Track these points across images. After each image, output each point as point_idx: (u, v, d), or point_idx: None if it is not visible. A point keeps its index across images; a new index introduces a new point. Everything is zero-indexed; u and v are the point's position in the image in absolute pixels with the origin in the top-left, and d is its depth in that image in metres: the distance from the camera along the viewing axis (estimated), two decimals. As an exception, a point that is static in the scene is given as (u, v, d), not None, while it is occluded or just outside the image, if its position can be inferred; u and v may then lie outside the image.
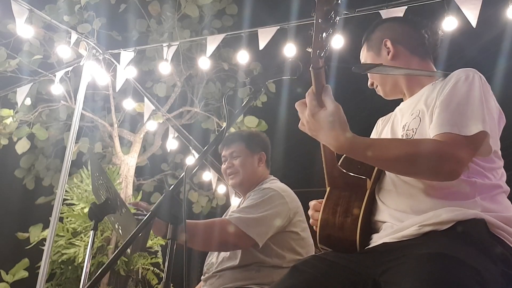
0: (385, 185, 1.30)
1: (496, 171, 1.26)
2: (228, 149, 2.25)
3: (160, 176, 6.33)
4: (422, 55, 1.47)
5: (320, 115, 1.15)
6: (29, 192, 5.82)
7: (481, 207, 1.16)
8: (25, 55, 5.00)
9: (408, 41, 1.47)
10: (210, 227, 1.93)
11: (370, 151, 1.16)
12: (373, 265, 1.17)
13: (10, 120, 5.00)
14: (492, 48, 5.00)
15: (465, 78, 1.25)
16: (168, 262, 1.11)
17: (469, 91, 1.21)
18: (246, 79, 1.29)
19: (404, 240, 1.16)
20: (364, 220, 1.26)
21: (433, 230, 1.13)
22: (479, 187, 1.19)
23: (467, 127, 1.15)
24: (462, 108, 1.19)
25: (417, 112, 1.32)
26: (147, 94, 4.76)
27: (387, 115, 1.57)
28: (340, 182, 1.30)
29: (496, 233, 1.14)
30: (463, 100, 1.20)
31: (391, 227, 1.22)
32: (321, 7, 0.99)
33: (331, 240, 1.28)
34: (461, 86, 1.23)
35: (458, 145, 1.14)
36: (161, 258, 4.45)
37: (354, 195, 1.29)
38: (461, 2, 2.98)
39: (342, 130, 1.14)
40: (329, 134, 1.15)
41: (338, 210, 1.27)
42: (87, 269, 1.90)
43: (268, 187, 2.12)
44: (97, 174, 1.93)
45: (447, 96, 1.23)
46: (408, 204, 1.22)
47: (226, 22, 5.84)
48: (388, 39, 1.47)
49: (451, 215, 1.13)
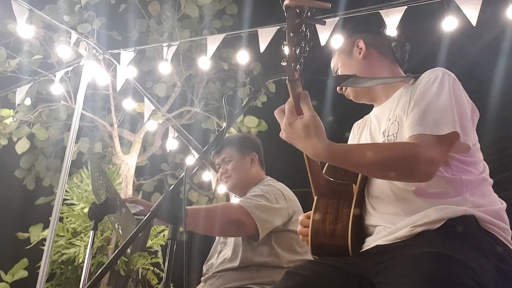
0: (373, 191, 1.32)
1: (478, 164, 1.28)
2: (219, 156, 2.28)
3: (160, 176, 6.33)
4: (391, 59, 1.52)
5: (296, 123, 1.16)
6: (29, 192, 5.82)
7: (470, 203, 1.19)
8: (25, 55, 5.00)
9: (379, 46, 1.52)
10: (213, 207, 1.96)
11: (348, 157, 1.18)
12: (368, 266, 1.18)
13: (10, 120, 4.99)
14: (492, 48, 5.00)
15: (434, 78, 1.27)
16: (168, 262, 1.11)
17: (439, 91, 1.24)
18: (246, 79, 1.29)
19: (398, 241, 1.18)
20: (355, 225, 1.27)
21: (426, 230, 1.15)
22: (465, 183, 1.21)
23: (439, 126, 1.18)
24: (433, 108, 1.21)
25: (394, 117, 1.35)
26: (147, 94, 4.77)
27: (362, 119, 1.59)
28: (327, 190, 1.32)
29: (487, 228, 1.16)
30: (433, 100, 1.23)
31: (384, 229, 1.24)
32: (292, 21, 0.99)
33: (323, 249, 1.29)
34: (430, 86, 1.26)
35: (431, 146, 1.16)
36: (161, 258, 4.45)
37: (341, 201, 1.30)
38: (461, 2, 2.99)
39: (318, 138, 1.15)
40: (306, 142, 1.16)
41: (327, 218, 1.29)
42: (87, 269, 1.90)
43: (269, 184, 2.14)
44: (97, 174, 1.93)
45: (418, 98, 1.26)
46: (399, 206, 1.24)
47: (226, 22, 5.83)
48: (361, 39, 1.52)
49: (441, 213, 1.15)
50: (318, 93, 1.20)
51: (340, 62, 1.56)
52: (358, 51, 1.52)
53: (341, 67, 1.56)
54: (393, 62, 1.52)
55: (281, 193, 2.08)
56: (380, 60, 1.50)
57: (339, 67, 1.56)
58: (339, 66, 1.56)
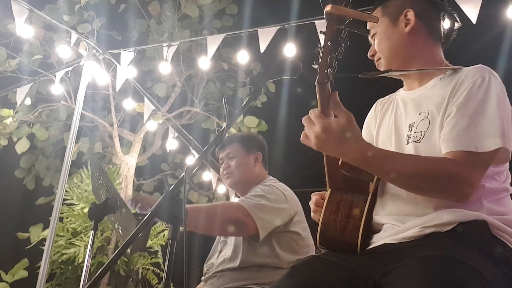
0: (388, 188, 1.28)
1: (502, 174, 1.23)
2: (224, 151, 2.27)
3: (160, 176, 6.33)
4: (437, 39, 1.37)
5: (333, 127, 1.07)
6: (29, 192, 5.82)
7: (486, 209, 1.14)
8: (25, 55, 5.00)
9: (428, 20, 1.35)
10: (213, 206, 1.96)
11: (385, 164, 1.12)
12: (374, 266, 1.16)
13: (10, 120, 4.99)
14: (492, 48, 4.99)
15: (481, 81, 1.16)
16: (168, 262, 1.11)
17: (486, 99, 1.14)
18: (246, 79, 1.29)
19: (405, 241, 1.15)
20: (366, 224, 1.25)
21: (435, 232, 1.12)
22: (487, 191, 1.17)
23: (484, 142, 1.10)
24: (479, 120, 1.12)
25: (425, 112, 1.25)
26: (147, 94, 4.77)
27: (387, 98, 1.47)
28: (342, 185, 1.28)
29: (497, 234, 1.13)
30: (480, 110, 1.13)
31: (392, 228, 1.21)
32: (332, 27, 0.91)
33: (331, 243, 1.27)
34: (477, 92, 1.15)
35: (473, 166, 1.10)
36: (161, 258, 4.45)
37: (356, 198, 1.27)
38: (461, 1, 2.98)
39: (357, 141, 1.09)
40: (344, 146, 1.09)
41: (339, 213, 1.26)
42: (87, 269, 1.91)
43: (270, 184, 2.13)
44: (97, 174, 1.93)
45: (461, 105, 1.15)
46: (411, 207, 1.20)
47: (226, 22, 5.84)
48: (411, 9, 1.34)
49: (452, 216, 1.12)
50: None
51: (381, 28, 1.37)
52: (405, 21, 1.34)
53: (381, 34, 1.37)
54: (437, 41, 1.36)
55: (282, 194, 2.07)
56: (425, 39, 1.35)
57: (378, 33, 1.38)
58: (379, 32, 1.38)
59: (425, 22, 1.35)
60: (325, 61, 0.99)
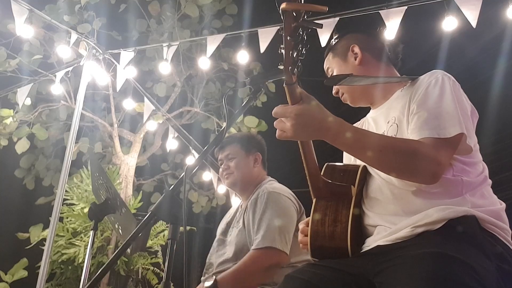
0: (372, 192, 1.31)
1: (478, 165, 1.29)
2: (223, 152, 2.28)
3: (160, 176, 6.33)
4: (387, 62, 1.51)
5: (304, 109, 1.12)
6: (29, 192, 5.82)
7: (470, 203, 1.19)
8: (25, 55, 4.99)
9: (373, 49, 1.51)
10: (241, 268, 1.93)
11: (358, 135, 1.18)
12: (368, 266, 1.18)
13: (10, 120, 5.00)
14: (492, 48, 5.00)
15: (435, 81, 1.28)
16: (168, 262, 1.11)
17: (441, 94, 1.25)
18: (246, 79, 1.29)
19: (398, 242, 1.17)
20: (354, 226, 1.26)
21: (427, 231, 1.15)
22: (466, 184, 1.22)
23: (445, 129, 1.19)
24: (437, 111, 1.22)
25: (392, 119, 1.35)
26: (147, 94, 4.76)
27: (359, 122, 1.57)
28: (325, 192, 1.31)
29: (487, 228, 1.16)
30: (437, 104, 1.23)
31: (384, 229, 1.23)
32: (288, 25, 0.98)
33: (323, 251, 1.29)
34: (433, 90, 1.26)
35: (438, 148, 1.17)
36: (161, 258, 4.45)
37: (340, 203, 1.29)
38: (461, 2, 2.98)
39: (331, 116, 1.14)
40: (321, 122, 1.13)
41: (326, 220, 1.28)
42: (87, 269, 1.91)
43: (273, 191, 2.10)
44: (97, 174, 1.94)
45: (421, 102, 1.26)
46: (399, 206, 1.23)
47: (226, 22, 5.84)
48: (356, 45, 1.50)
49: (442, 213, 1.15)
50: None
51: (336, 67, 1.54)
52: (353, 56, 1.50)
53: (336, 72, 1.54)
54: (388, 64, 1.51)
55: (289, 199, 2.09)
56: (376, 65, 1.49)
57: (335, 72, 1.55)
58: (335, 71, 1.55)
59: (371, 52, 1.51)
60: (288, 58, 1.04)
